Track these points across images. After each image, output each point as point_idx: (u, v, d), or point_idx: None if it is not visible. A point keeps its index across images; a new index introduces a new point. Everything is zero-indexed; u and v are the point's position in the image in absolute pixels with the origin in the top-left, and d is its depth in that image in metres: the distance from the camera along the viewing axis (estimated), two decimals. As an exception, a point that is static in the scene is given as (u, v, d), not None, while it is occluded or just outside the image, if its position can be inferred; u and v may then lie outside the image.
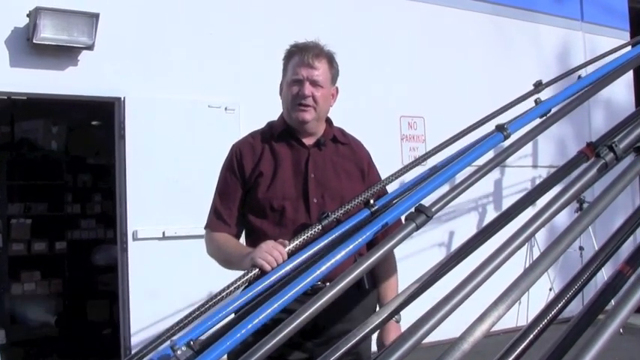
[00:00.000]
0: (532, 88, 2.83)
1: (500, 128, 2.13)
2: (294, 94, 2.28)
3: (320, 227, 2.06)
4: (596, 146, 1.50)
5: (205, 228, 2.39)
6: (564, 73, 3.21)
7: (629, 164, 1.34)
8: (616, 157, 1.42)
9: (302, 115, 2.28)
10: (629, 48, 2.73)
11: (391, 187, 2.44)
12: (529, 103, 2.57)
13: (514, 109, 2.66)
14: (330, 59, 2.33)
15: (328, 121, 2.44)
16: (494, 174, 6.39)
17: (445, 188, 1.87)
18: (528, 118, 2.27)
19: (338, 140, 2.40)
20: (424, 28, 6.22)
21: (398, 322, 2.21)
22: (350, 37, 5.53)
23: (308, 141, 2.34)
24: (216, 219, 2.34)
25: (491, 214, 6.40)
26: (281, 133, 2.36)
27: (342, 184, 2.29)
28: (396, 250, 1.81)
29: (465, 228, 5.94)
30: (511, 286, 1.16)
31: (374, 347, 2.20)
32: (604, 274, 1.71)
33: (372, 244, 1.76)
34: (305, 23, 5.12)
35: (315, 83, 2.27)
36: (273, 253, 2.00)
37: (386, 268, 2.35)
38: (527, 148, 6.46)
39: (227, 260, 2.27)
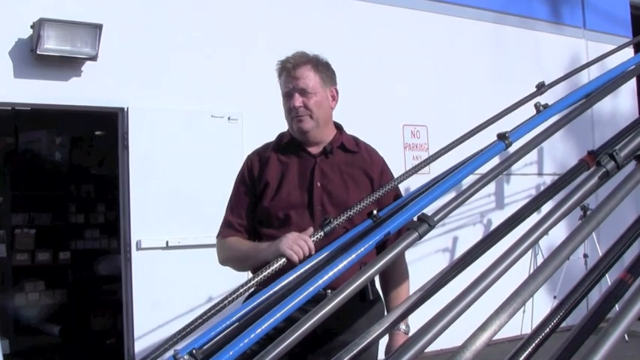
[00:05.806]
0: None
1: (501, 137, 2.12)
2: (288, 107, 2.32)
3: (322, 234, 2.08)
4: (597, 154, 1.50)
5: (217, 237, 2.43)
6: (567, 74, 3.20)
7: (630, 173, 1.34)
8: (617, 166, 1.41)
9: (299, 125, 2.31)
10: (631, 50, 2.73)
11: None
12: (531, 107, 2.56)
13: (517, 114, 2.66)
14: (315, 64, 2.33)
15: (339, 128, 2.45)
16: (499, 181, 6.39)
17: (448, 197, 1.87)
18: (529, 127, 2.26)
19: (347, 148, 2.40)
20: (427, 37, 6.23)
21: (407, 333, 2.21)
22: (352, 46, 5.56)
23: (314, 150, 2.36)
24: (227, 227, 2.37)
25: (496, 222, 6.37)
26: (288, 144, 2.39)
27: (349, 193, 2.30)
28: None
29: (471, 235, 5.91)
30: (512, 294, 1.16)
31: (381, 355, 2.20)
32: (608, 282, 1.71)
33: (378, 253, 1.76)
34: (308, 34, 5.13)
35: (303, 92, 2.29)
36: (299, 242, 2.03)
37: (395, 275, 2.35)
38: (532, 155, 6.46)
39: (243, 257, 2.29)
